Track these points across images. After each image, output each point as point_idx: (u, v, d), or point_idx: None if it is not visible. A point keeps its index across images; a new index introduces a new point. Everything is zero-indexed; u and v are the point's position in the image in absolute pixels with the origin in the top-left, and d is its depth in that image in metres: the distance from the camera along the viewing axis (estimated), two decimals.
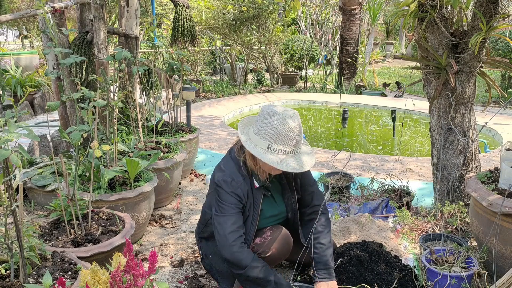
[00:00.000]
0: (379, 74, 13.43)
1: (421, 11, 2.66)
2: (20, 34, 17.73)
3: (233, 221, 1.96)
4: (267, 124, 1.91)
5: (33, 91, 7.21)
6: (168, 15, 11.35)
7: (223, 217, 1.97)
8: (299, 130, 1.92)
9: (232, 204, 1.98)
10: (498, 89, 2.81)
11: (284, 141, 1.89)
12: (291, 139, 1.89)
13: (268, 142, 1.90)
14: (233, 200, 1.98)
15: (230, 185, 1.99)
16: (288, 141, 1.89)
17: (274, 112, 1.91)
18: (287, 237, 2.16)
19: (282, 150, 1.90)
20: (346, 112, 6.97)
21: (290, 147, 1.90)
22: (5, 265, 1.79)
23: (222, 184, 2.00)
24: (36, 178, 3.27)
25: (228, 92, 9.90)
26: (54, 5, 3.33)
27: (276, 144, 1.89)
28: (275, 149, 1.89)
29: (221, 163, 2.13)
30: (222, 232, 1.95)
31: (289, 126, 1.88)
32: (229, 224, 1.95)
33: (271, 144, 1.89)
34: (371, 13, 10.03)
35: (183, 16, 4.20)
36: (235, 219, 1.97)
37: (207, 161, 4.59)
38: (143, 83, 4.00)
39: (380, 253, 2.27)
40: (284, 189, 2.18)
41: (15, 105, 5.17)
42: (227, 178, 2.00)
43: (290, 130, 1.88)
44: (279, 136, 1.88)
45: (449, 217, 2.79)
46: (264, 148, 1.91)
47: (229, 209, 1.97)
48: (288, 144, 1.89)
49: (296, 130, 1.90)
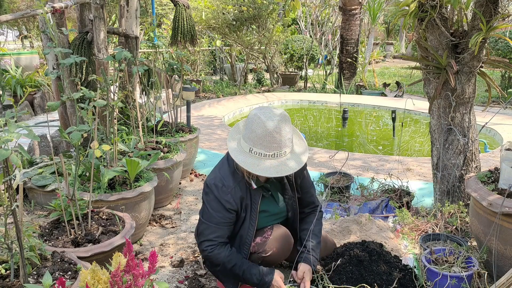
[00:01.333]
0: (379, 74, 13.43)
1: (421, 11, 2.66)
2: (20, 34, 17.73)
3: (211, 231, 2.04)
4: (248, 127, 1.93)
5: (33, 91, 7.21)
6: (168, 15, 11.35)
7: (204, 224, 2.06)
8: (280, 134, 1.89)
9: (218, 212, 2.01)
10: (498, 89, 2.81)
11: (263, 145, 1.89)
12: (271, 143, 1.88)
13: (250, 145, 1.91)
14: (220, 208, 2.01)
15: (221, 191, 2.01)
16: (268, 144, 1.88)
17: (255, 116, 1.92)
18: (287, 236, 2.16)
19: (262, 154, 1.90)
20: (346, 112, 6.97)
21: (271, 150, 1.89)
22: (5, 265, 1.79)
23: (213, 188, 2.02)
24: (36, 178, 3.27)
25: (228, 92, 9.90)
26: (54, 5, 3.33)
27: (256, 147, 1.90)
28: (255, 152, 1.91)
29: (217, 165, 2.15)
30: (200, 236, 2.08)
31: (267, 130, 1.87)
32: (207, 233, 2.04)
33: (252, 147, 1.91)
34: (371, 13, 10.03)
35: (183, 16, 4.20)
36: (213, 229, 2.04)
37: (207, 161, 4.59)
38: (143, 83, 4.00)
39: (380, 253, 2.28)
40: (285, 189, 2.19)
41: (15, 105, 5.17)
42: (218, 182, 2.02)
43: (269, 134, 1.87)
44: (258, 140, 1.89)
45: (449, 217, 2.79)
46: (246, 151, 1.93)
47: (212, 218, 2.03)
48: (268, 147, 1.89)
49: (276, 133, 1.88)
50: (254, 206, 2.08)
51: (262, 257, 2.10)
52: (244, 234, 2.09)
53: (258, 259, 2.12)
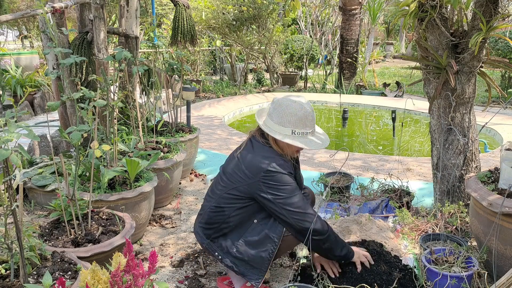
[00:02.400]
0: (379, 74, 13.43)
1: (421, 11, 2.66)
2: (20, 34, 17.74)
3: (301, 196, 2.12)
4: (287, 112, 2.10)
5: (33, 91, 7.21)
6: (168, 15, 11.35)
7: (293, 197, 2.08)
8: (313, 112, 2.17)
9: (293, 183, 2.11)
10: (498, 89, 2.81)
11: (305, 124, 2.11)
12: (310, 121, 2.13)
13: (292, 128, 2.10)
14: (291, 179, 2.12)
15: (285, 167, 2.12)
16: (308, 123, 2.12)
17: (291, 101, 2.13)
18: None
19: (304, 133, 2.12)
20: (346, 112, 6.97)
21: (310, 128, 2.14)
22: (5, 265, 1.79)
23: (278, 168, 2.09)
24: (36, 178, 3.27)
25: (228, 92, 9.90)
26: (54, 5, 3.33)
27: (298, 128, 2.11)
28: (298, 133, 2.11)
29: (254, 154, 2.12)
30: (300, 210, 2.07)
31: (306, 110, 2.12)
32: (301, 199, 2.10)
33: (294, 129, 2.10)
34: (371, 13, 10.03)
35: (183, 16, 4.20)
36: (300, 194, 2.12)
37: (207, 161, 4.59)
38: (143, 83, 4.00)
39: (380, 253, 2.28)
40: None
41: (15, 105, 5.17)
42: (279, 161, 2.12)
43: (309, 114, 2.12)
44: (300, 121, 2.10)
45: (449, 217, 2.79)
46: (289, 134, 2.10)
47: (293, 188, 2.10)
48: (308, 126, 2.13)
49: (312, 112, 2.16)
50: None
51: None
52: None
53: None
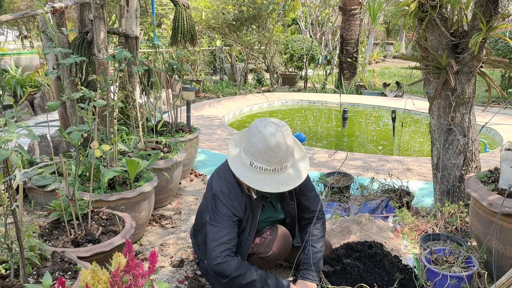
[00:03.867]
0: (379, 74, 13.43)
1: (421, 11, 2.66)
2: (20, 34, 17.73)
3: (225, 233, 1.95)
4: (249, 141, 1.92)
5: (33, 91, 7.21)
6: (168, 15, 11.35)
7: (215, 228, 1.97)
8: (282, 148, 1.89)
9: (227, 216, 1.97)
10: (498, 89, 2.81)
11: (264, 159, 1.88)
12: (273, 157, 1.88)
13: (250, 159, 1.91)
14: (229, 212, 1.97)
15: (228, 198, 1.98)
16: (269, 159, 1.88)
17: (256, 129, 1.91)
18: (286, 236, 2.16)
19: (263, 168, 1.89)
20: (346, 112, 6.97)
21: (272, 165, 1.89)
22: (5, 265, 1.79)
23: (220, 195, 1.99)
24: (36, 178, 3.27)
25: (228, 92, 9.90)
26: (54, 5, 3.33)
27: (257, 161, 1.89)
28: (256, 166, 1.90)
29: (220, 171, 2.11)
30: (212, 243, 1.95)
31: (268, 145, 1.87)
32: (220, 236, 1.95)
33: (253, 161, 1.90)
34: (371, 13, 10.02)
35: (183, 16, 4.20)
36: (227, 231, 1.96)
37: (207, 161, 4.59)
38: (143, 83, 4.00)
39: (380, 253, 2.28)
40: (283, 196, 2.18)
41: (15, 105, 5.17)
42: (225, 190, 1.99)
43: (270, 149, 1.87)
44: (259, 154, 1.88)
45: (449, 217, 2.79)
46: (247, 165, 1.92)
47: (223, 221, 1.96)
48: (269, 162, 1.89)
49: (278, 148, 1.88)
50: (254, 216, 2.07)
51: (262, 258, 2.09)
52: (242, 242, 2.08)
53: (258, 260, 2.10)
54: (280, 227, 2.18)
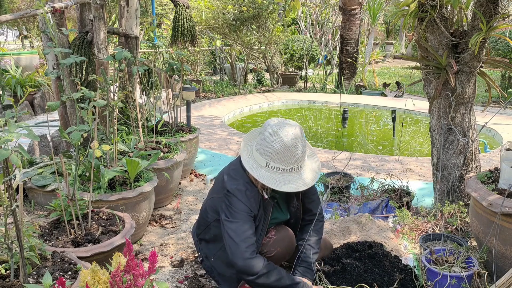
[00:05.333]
0: (379, 74, 13.43)
1: (421, 11, 2.66)
2: (20, 34, 17.73)
3: (246, 228, 1.92)
4: (265, 142, 1.91)
5: (33, 91, 7.21)
6: (168, 15, 11.36)
7: (235, 223, 1.93)
8: (298, 148, 1.90)
9: (245, 212, 1.96)
10: (498, 89, 2.81)
11: (282, 160, 1.89)
12: (290, 157, 1.89)
13: (267, 160, 1.91)
14: (246, 208, 1.96)
15: (245, 195, 1.97)
16: (286, 159, 1.89)
17: (272, 130, 1.91)
18: (291, 236, 2.16)
19: (280, 168, 1.90)
20: (346, 112, 6.97)
21: (289, 164, 1.90)
22: (5, 265, 1.79)
23: (237, 193, 1.97)
24: (36, 178, 3.27)
25: (228, 92, 9.90)
26: (54, 5, 3.33)
27: (274, 162, 1.89)
28: (273, 166, 1.90)
29: (230, 171, 2.09)
30: (235, 238, 1.90)
31: (286, 145, 1.88)
32: (242, 231, 1.91)
33: (269, 162, 1.90)
34: (371, 13, 10.02)
35: (183, 16, 4.20)
36: (248, 226, 1.94)
37: (207, 161, 4.59)
38: (143, 83, 4.00)
39: (380, 253, 2.28)
40: (290, 197, 2.19)
41: (15, 105, 5.17)
42: (241, 187, 1.98)
43: (288, 149, 1.88)
44: (277, 155, 1.89)
45: (449, 217, 2.79)
46: (263, 166, 1.92)
47: (241, 216, 1.94)
48: (286, 162, 1.89)
49: (295, 148, 1.89)
50: (266, 216, 2.07)
51: (266, 257, 2.09)
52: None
53: None
54: (284, 227, 2.18)
